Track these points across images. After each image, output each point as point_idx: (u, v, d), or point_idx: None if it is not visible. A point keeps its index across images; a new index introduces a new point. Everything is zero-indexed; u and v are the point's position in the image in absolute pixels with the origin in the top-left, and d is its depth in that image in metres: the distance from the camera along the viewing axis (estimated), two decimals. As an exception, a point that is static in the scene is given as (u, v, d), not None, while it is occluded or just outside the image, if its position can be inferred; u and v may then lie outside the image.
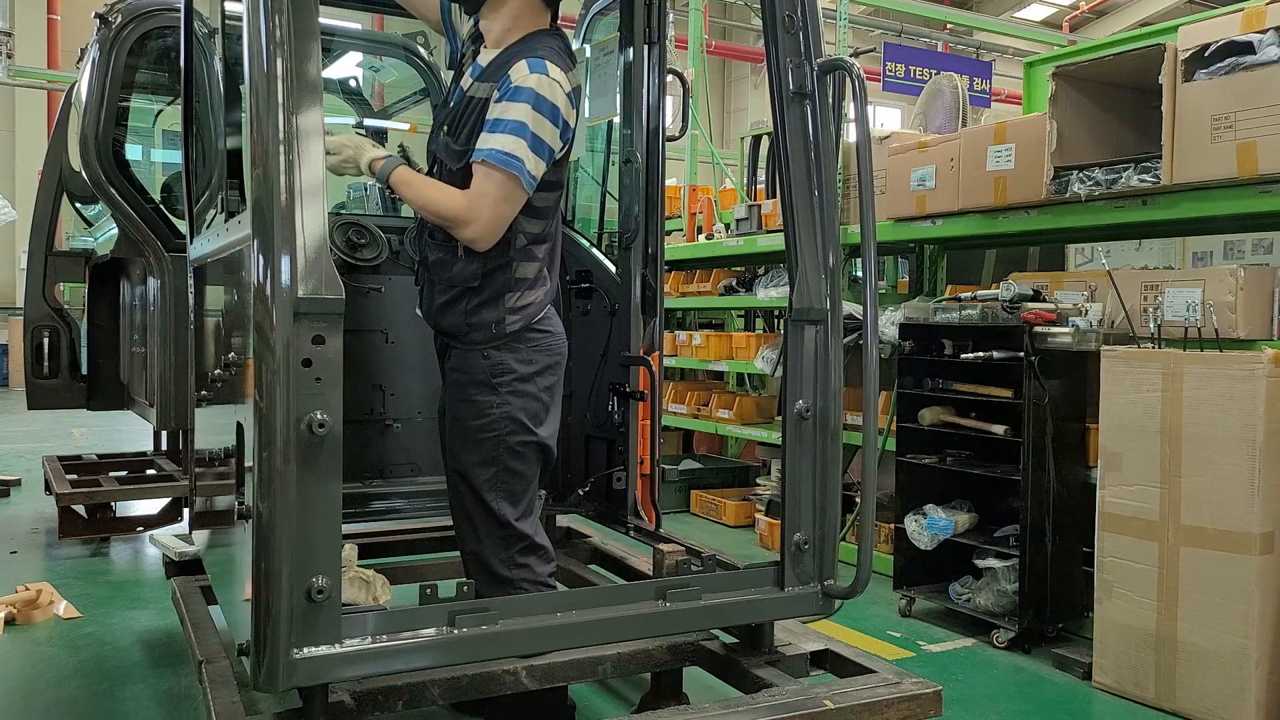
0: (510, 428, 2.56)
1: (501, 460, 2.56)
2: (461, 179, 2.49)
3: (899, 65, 11.22)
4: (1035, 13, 21.36)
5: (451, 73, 2.86)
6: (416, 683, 2.35)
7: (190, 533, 3.91)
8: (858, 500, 4.48)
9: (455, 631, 2.17)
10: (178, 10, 3.98)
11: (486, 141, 2.44)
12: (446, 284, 2.60)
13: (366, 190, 5.47)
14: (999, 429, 4.00)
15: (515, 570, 2.60)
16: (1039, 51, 10.72)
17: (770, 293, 5.83)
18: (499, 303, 2.56)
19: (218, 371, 2.55)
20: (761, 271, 6.43)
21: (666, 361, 5.51)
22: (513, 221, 2.51)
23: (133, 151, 5.42)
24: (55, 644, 3.88)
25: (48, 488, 5.58)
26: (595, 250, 3.65)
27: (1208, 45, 3.45)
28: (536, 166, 2.45)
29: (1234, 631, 3.17)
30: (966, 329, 4.09)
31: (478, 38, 2.71)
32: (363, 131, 2.91)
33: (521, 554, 2.61)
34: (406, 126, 5.77)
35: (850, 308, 3.99)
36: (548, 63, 2.47)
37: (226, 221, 2.45)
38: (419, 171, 2.60)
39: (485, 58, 2.63)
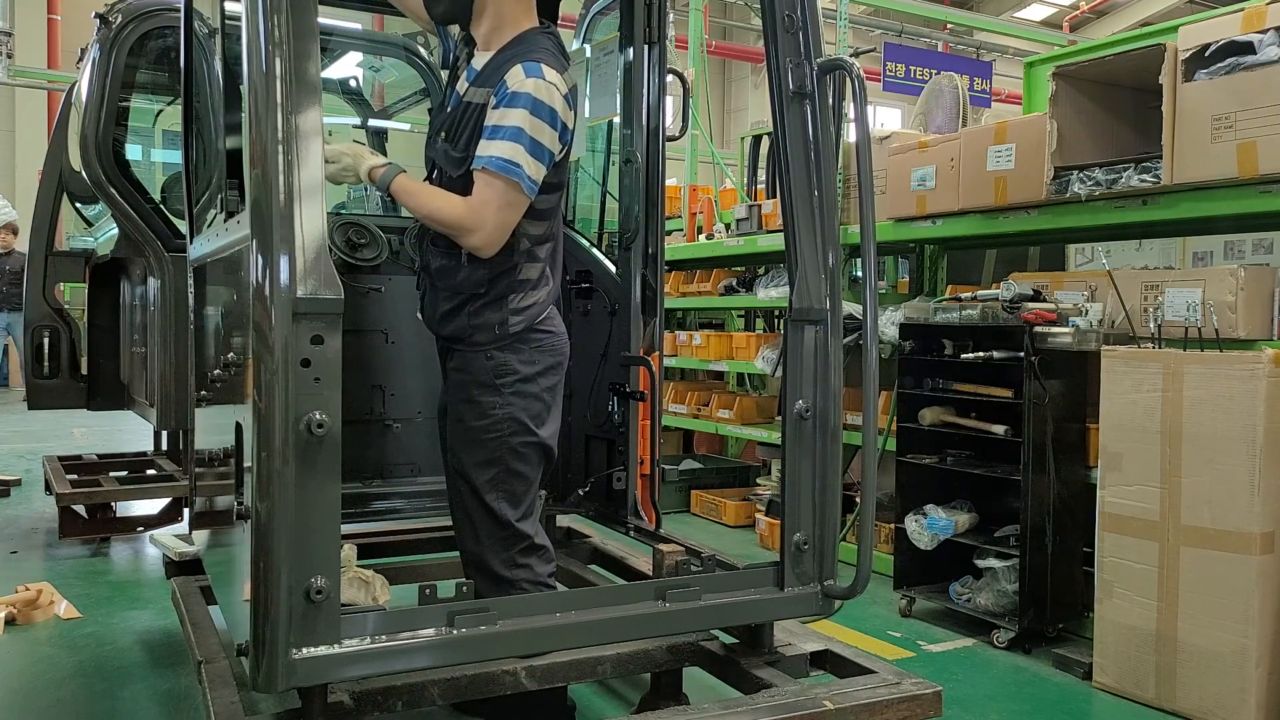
0: (512, 428, 2.56)
1: (503, 461, 2.57)
2: (462, 186, 2.49)
3: (899, 65, 11.23)
4: (1035, 13, 21.37)
5: (448, 73, 2.86)
6: (416, 683, 2.35)
7: (190, 533, 3.91)
8: (858, 500, 4.48)
9: (455, 632, 2.17)
10: (178, 10, 3.98)
11: (486, 149, 2.43)
12: (451, 291, 2.60)
13: (366, 190, 5.47)
14: (999, 429, 4.00)
15: (515, 570, 2.60)
16: (1039, 51, 10.72)
17: (770, 293, 5.83)
18: (502, 304, 2.56)
19: (217, 372, 2.55)
20: (761, 271, 6.42)
21: (666, 361, 5.50)
22: (519, 225, 2.51)
23: (133, 151, 5.42)
24: (55, 644, 3.88)
25: (48, 488, 5.57)
26: (595, 250, 3.65)
27: (1208, 45, 3.45)
28: (537, 171, 2.45)
29: (1234, 631, 3.17)
30: (966, 329, 4.09)
31: (470, 40, 2.70)
32: (362, 141, 2.90)
33: (522, 554, 2.61)
34: (407, 127, 5.78)
35: (850, 308, 3.99)
36: (543, 65, 2.46)
37: (226, 221, 2.45)
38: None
39: (479, 61, 2.62)
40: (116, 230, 5.05)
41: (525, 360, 2.57)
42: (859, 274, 5.52)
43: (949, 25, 16.60)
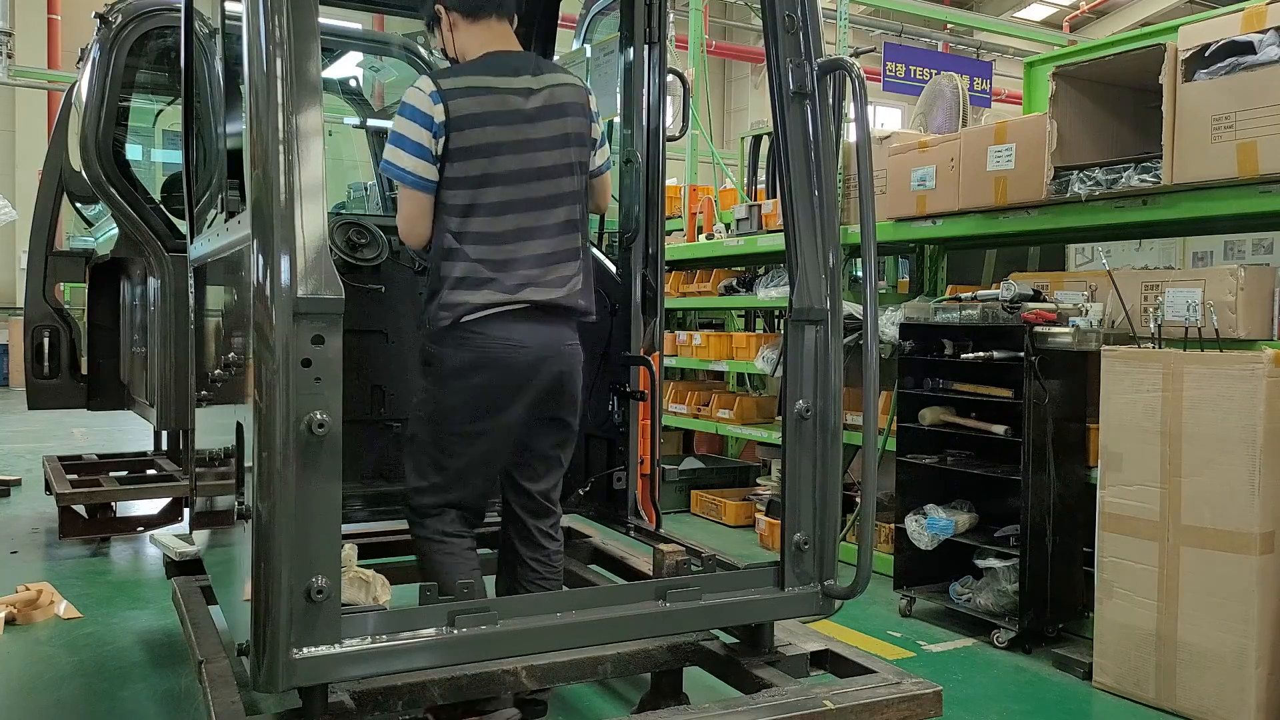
0: (428, 409, 2.73)
1: (421, 433, 2.76)
2: None
3: (899, 65, 11.23)
4: (1035, 13, 21.36)
5: None
6: (416, 683, 2.35)
7: (190, 533, 3.91)
8: (858, 500, 4.48)
9: (455, 631, 2.17)
10: (178, 10, 3.98)
11: None
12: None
13: (367, 190, 5.48)
14: (999, 429, 4.00)
15: (416, 528, 2.79)
16: (1039, 51, 10.72)
17: (770, 293, 5.83)
18: (435, 299, 2.66)
19: (218, 371, 2.55)
20: (761, 271, 6.42)
21: (667, 361, 5.51)
22: (439, 221, 2.65)
23: (133, 151, 5.41)
24: (55, 644, 3.88)
25: (48, 488, 5.58)
26: (595, 250, 3.65)
27: (1208, 45, 3.45)
28: (411, 163, 2.60)
29: (1234, 631, 3.17)
30: (967, 329, 4.09)
31: None
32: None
33: (422, 515, 2.77)
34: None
35: (850, 308, 3.99)
36: (421, 76, 2.72)
37: (226, 221, 2.45)
38: None
39: None
40: (116, 230, 5.05)
41: (446, 353, 2.66)
42: (859, 274, 5.52)
43: (949, 25, 16.59)
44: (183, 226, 3.79)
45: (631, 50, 3.50)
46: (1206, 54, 3.45)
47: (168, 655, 3.74)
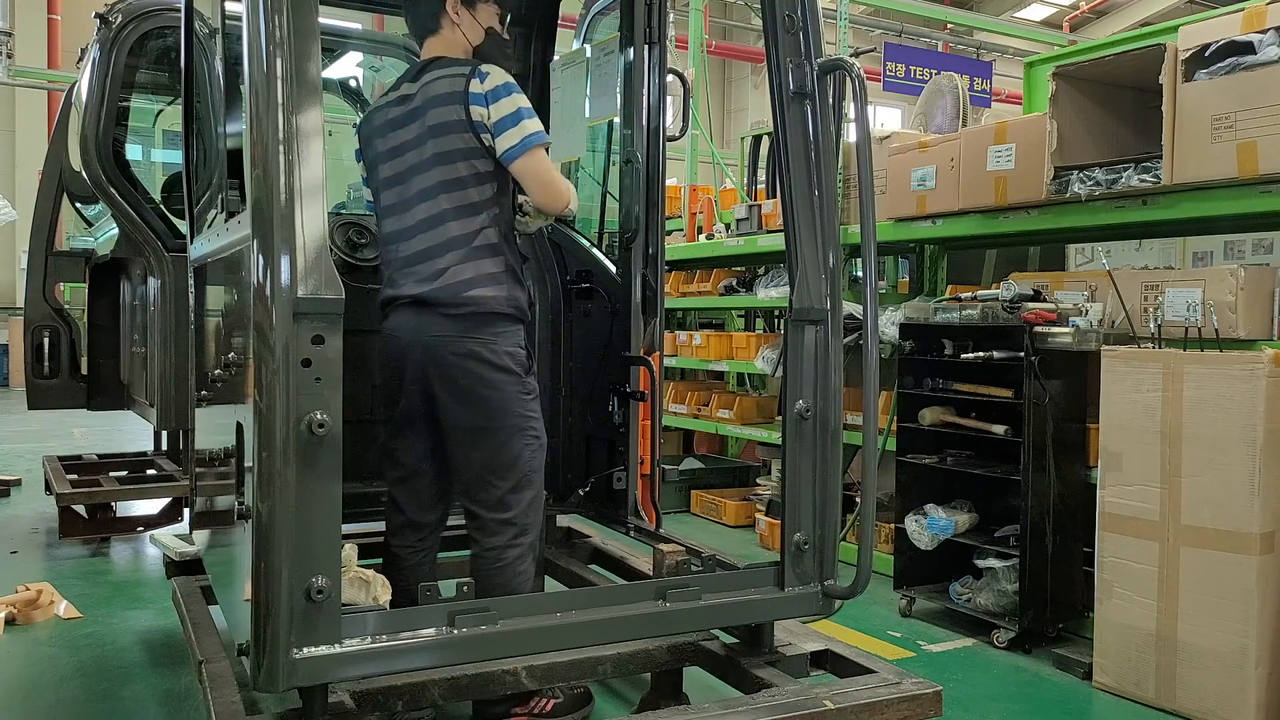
0: None
1: None
2: None
3: (899, 65, 11.22)
4: (1035, 13, 21.36)
5: None
6: (416, 683, 2.35)
7: (190, 533, 3.91)
8: (858, 500, 4.48)
9: (455, 631, 2.17)
10: (178, 10, 3.98)
11: None
12: None
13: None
14: (999, 429, 4.00)
15: None
16: (1039, 51, 10.72)
17: (770, 293, 5.83)
18: None
19: (218, 371, 2.55)
20: (761, 271, 6.42)
21: (667, 361, 5.51)
22: None
23: (133, 151, 5.42)
24: (55, 644, 3.88)
25: (48, 488, 5.58)
26: (595, 250, 3.65)
27: (1208, 45, 3.45)
28: (365, 190, 3.01)
29: (1234, 631, 3.17)
30: (967, 329, 4.09)
31: None
32: None
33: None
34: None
35: (850, 308, 3.99)
36: None
37: (226, 221, 2.45)
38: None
39: None
40: (116, 230, 5.05)
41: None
42: (859, 274, 5.51)
43: (949, 25, 16.60)
44: (183, 226, 3.80)
45: (631, 50, 3.50)
46: (1206, 54, 3.45)
47: (168, 655, 3.74)
